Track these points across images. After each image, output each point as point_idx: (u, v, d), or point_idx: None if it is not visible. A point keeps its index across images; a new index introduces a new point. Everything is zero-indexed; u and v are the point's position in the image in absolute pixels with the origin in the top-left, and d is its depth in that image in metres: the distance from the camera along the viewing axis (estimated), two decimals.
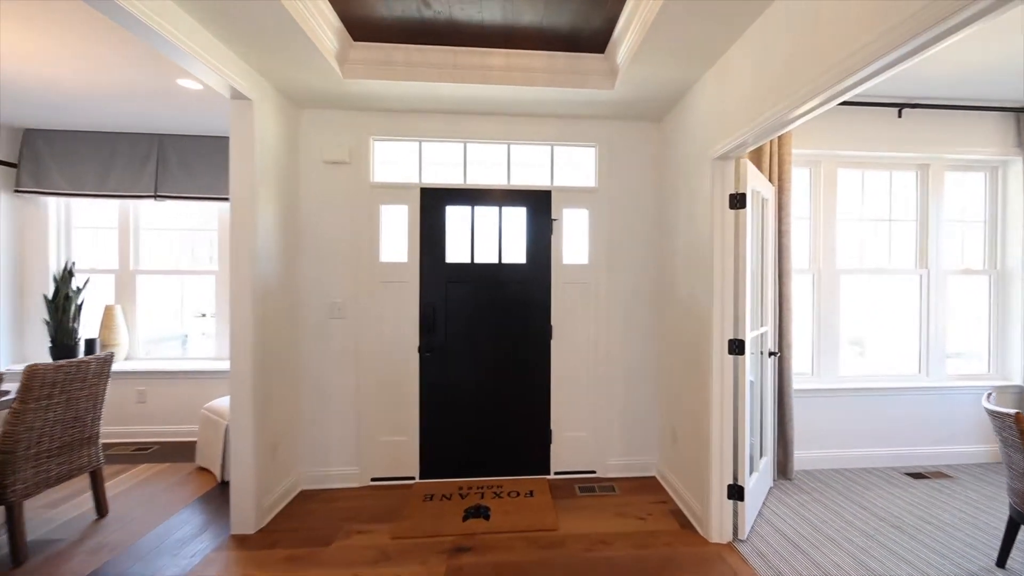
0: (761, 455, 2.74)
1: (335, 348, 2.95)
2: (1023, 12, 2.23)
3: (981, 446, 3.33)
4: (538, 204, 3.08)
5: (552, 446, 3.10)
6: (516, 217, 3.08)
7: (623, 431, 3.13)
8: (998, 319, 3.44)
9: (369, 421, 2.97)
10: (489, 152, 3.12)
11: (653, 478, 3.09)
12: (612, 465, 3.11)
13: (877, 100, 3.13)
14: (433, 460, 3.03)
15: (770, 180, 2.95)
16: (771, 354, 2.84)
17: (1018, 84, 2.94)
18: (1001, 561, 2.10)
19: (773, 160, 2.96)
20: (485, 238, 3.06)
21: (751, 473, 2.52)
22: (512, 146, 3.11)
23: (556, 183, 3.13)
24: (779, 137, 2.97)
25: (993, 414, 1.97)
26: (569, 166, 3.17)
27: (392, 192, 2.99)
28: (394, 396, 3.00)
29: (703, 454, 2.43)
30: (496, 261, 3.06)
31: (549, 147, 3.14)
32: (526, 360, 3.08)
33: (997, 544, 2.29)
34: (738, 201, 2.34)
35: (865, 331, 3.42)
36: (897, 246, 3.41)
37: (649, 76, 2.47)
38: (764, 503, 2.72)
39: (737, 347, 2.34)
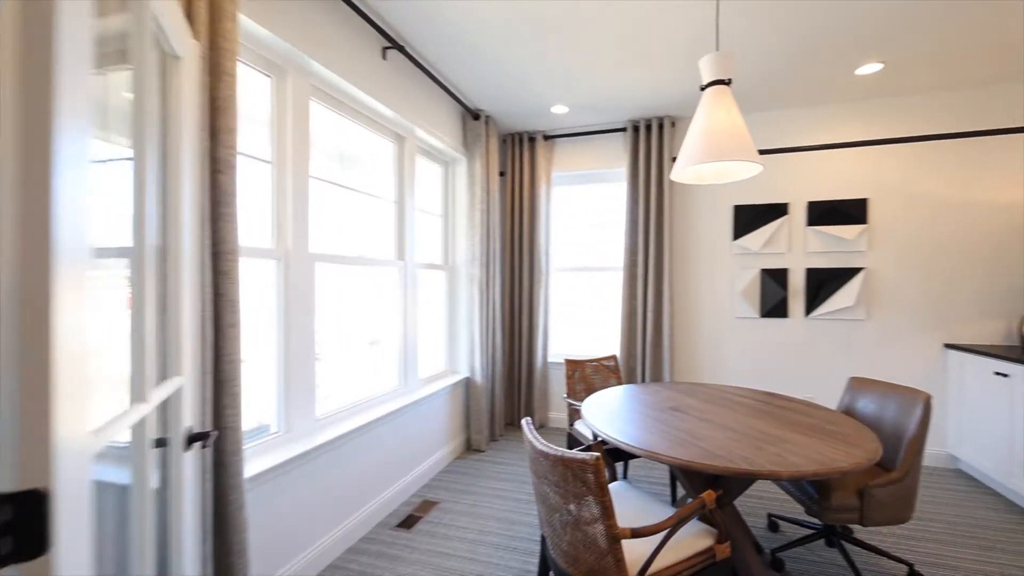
0: None
1: None
2: None
3: (444, 450, 3.13)
4: None
5: None
6: None
7: None
8: (451, 315, 3.44)
9: None
10: None
11: None
12: None
13: (360, 8, 2.17)
14: None
15: (194, 33, 1.26)
16: (193, 440, 1.14)
17: (467, 77, 2.86)
18: None
19: None
20: None
21: None
22: None
23: None
24: None
25: (562, 461, 1.25)
26: None
27: None
28: None
29: None
30: None
31: None
32: None
33: None
34: None
35: (340, 345, 2.42)
36: (379, 230, 2.64)
37: None
38: None
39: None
